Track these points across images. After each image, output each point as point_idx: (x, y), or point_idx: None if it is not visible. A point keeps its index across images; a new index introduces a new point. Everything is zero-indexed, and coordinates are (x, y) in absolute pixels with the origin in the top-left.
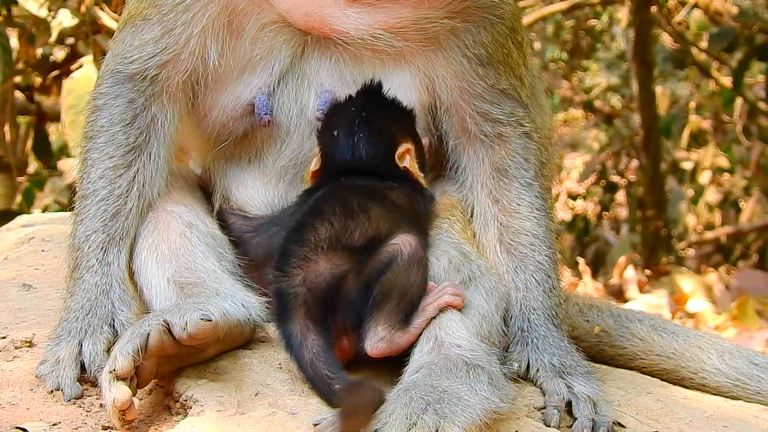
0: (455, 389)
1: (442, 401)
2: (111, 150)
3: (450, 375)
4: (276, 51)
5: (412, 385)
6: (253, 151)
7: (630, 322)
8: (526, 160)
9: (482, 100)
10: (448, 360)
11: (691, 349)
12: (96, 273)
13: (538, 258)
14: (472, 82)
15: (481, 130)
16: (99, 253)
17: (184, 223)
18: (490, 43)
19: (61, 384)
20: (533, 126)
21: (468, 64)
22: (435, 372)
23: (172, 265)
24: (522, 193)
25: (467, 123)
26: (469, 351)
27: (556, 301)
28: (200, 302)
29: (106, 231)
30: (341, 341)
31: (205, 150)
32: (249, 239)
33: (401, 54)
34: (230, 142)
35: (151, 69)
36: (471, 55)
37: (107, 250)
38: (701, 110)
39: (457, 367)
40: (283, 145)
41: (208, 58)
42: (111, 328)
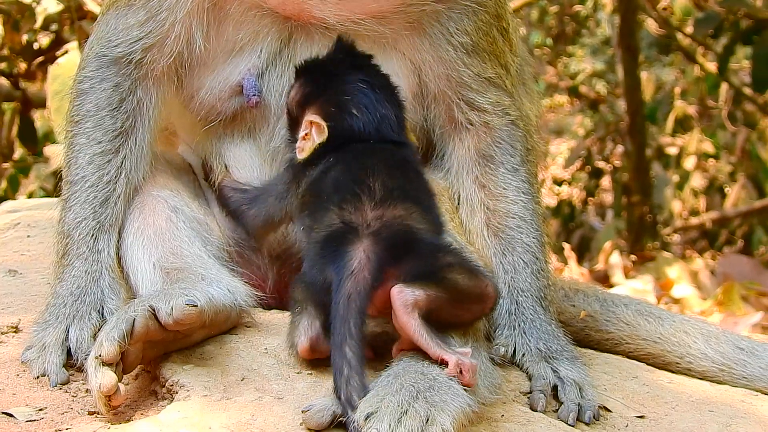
0: (445, 377)
1: (433, 389)
2: (99, 135)
3: None
4: (263, 35)
5: (402, 371)
6: (245, 131)
7: (616, 307)
8: (512, 146)
9: (468, 88)
10: None
11: (677, 334)
12: (86, 260)
13: (526, 240)
14: (458, 70)
15: (468, 119)
16: (89, 240)
17: (170, 208)
18: (474, 31)
19: (47, 369)
20: (519, 114)
21: (454, 51)
22: (426, 359)
23: (157, 250)
24: (508, 177)
25: (454, 111)
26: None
27: (545, 283)
28: (186, 288)
29: (96, 218)
30: (386, 289)
31: (195, 131)
32: (246, 211)
33: (387, 40)
34: (220, 123)
35: (137, 53)
36: (456, 43)
37: (98, 237)
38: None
39: None
40: (275, 126)
41: (193, 42)
42: (99, 315)
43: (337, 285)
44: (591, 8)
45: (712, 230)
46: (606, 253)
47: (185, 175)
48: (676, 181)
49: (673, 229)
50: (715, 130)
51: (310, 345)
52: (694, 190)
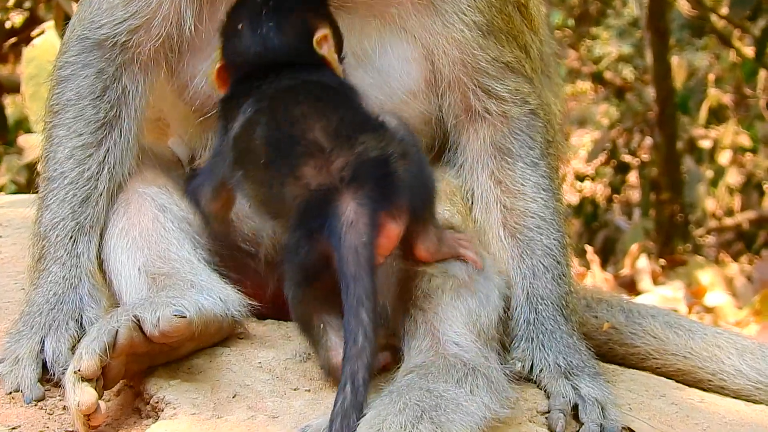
0: (452, 394)
1: (439, 408)
2: (80, 126)
3: (447, 377)
4: None
5: (406, 387)
6: None
7: (643, 319)
8: (531, 138)
9: (485, 75)
10: (446, 360)
11: (709, 348)
12: (64, 265)
13: (546, 242)
14: (474, 54)
15: (485, 108)
16: (68, 242)
17: (157, 207)
18: (487, 8)
19: (21, 385)
20: (539, 102)
21: (468, 32)
22: (432, 373)
23: (143, 253)
24: (527, 173)
25: (470, 100)
26: (468, 351)
27: (566, 290)
28: (174, 296)
29: (76, 218)
30: (389, 227)
31: (189, 122)
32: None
33: (394, 19)
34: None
35: (121, 35)
36: (470, 23)
37: (77, 239)
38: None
39: (455, 369)
40: None
41: (183, 24)
42: (77, 324)
43: (338, 244)
44: None
45: (749, 231)
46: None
47: (175, 170)
48: (710, 177)
49: (706, 230)
50: (753, 121)
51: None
52: (730, 187)
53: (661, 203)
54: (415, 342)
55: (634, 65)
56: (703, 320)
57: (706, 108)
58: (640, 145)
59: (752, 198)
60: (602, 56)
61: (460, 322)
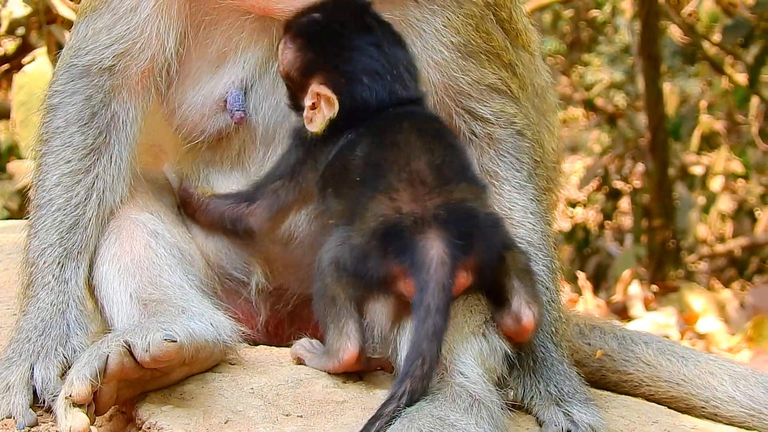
0: (463, 424)
1: None
2: (68, 153)
3: (454, 405)
4: (245, 42)
5: (417, 414)
6: (234, 156)
7: (635, 345)
8: (518, 159)
9: (468, 97)
10: (452, 389)
11: (702, 375)
12: (52, 291)
13: (535, 268)
14: (454, 77)
15: (471, 130)
16: (55, 268)
17: (149, 233)
18: (462, 26)
19: (13, 411)
20: (526, 122)
21: (448, 53)
22: (439, 400)
23: (135, 279)
24: (514, 196)
25: (455, 122)
26: (475, 383)
27: (555, 316)
28: (165, 321)
29: (63, 244)
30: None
31: (179, 151)
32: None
33: None
34: (204, 143)
35: (107, 60)
36: (448, 43)
37: (64, 265)
38: (713, 110)
39: (461, 398)
40: (266, 152)
41: (166, 49)
42: (65, 350)
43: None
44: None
45: (742, 258)
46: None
47: (167, 196)
48: (702, 204)
49: (698, 256)
50: (745, 147)
51: (359, 353)
52: (722, 213)
53: (652, 229)
54: None
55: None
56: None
57: (698, 135)
58: (632, 172)
59: (744, 224)
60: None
61: (470, 356)
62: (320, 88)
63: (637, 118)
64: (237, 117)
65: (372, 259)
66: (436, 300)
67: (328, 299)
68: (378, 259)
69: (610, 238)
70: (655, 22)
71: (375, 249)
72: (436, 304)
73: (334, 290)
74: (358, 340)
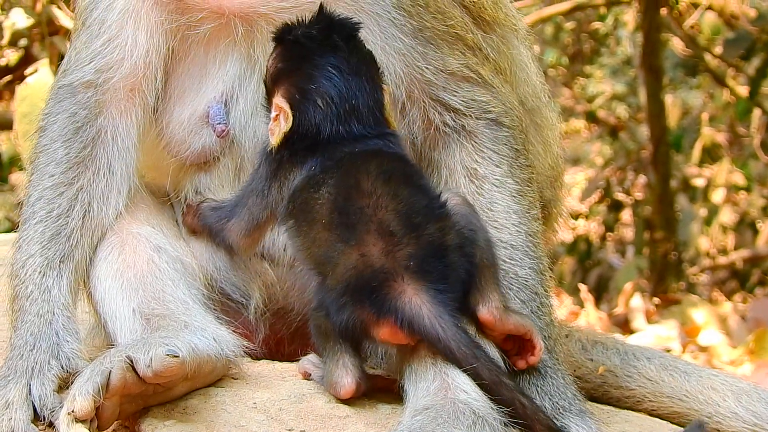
0: None
1: None
2: (50, 168)
3: (457, 423)
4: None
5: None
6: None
7: (638, 361)
8: (496, 152)
9: (436, 87)
10: (455, 406)
11: (705, 391)
12: (35, 301)
13: (521, 273)
14: (418, 66)
15: (444, 122)
16: (36, 278)
17: (152, 247)
18: (413, 7)
19: (15, 428)
20: (502, 108)
21: (407, 40)
22: (442, 417)
23: (138, 294)
24: (495, 195)
25: (430, 115)
26: (477, 399)
27: (547, 320)
28: (167, 336)
29: (44, 254)
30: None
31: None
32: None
33: None
34: (191, 164)
35: (87, 74)
36: (405, 29)
37: (45, 274)
38: (715, 122)
39: (464, 415)
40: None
41: (149, 61)
42: (58, 362)
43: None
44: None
45: (743, 270)
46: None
47: (169, 209)
48: (704, 216)
49: (700, 268)
50: (747, 160)
51: (356, 386)
52: (724, 225)
53: (654, 242)
54: (424, 384)
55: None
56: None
57: (700, 147)
58: (634, 184)
59: (746, 237)
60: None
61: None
62: (280, 99)
63: (639, 131)
64: (219, 130)
65: (347, 312)
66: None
67: (322, 334)
68: (353, 312)
69: (612, 250)
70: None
71: (348, 302)
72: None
73: (327, 327)
74: (354, 375)
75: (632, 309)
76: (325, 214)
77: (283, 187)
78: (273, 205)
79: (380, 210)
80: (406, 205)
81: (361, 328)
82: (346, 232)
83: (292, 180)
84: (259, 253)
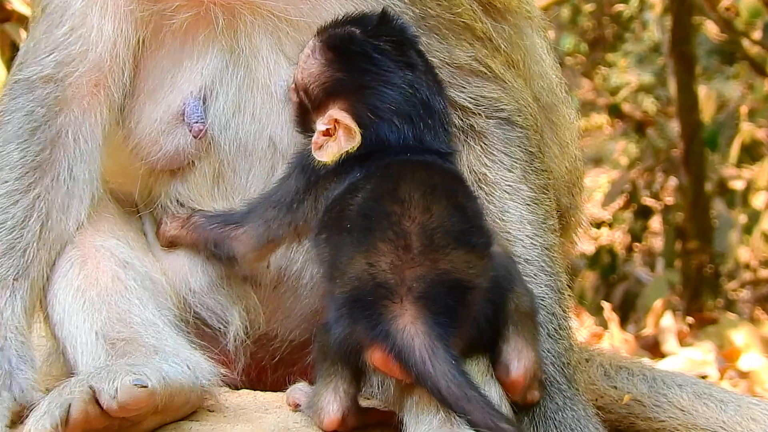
0: None
1: None
2: (4, 174)
3: None
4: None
5: None
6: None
7: (668, 389)
8: (508, 155)
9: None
10: None
11: (744, 422)
12: None
13: (536, 291)
14: None
15: (452, 122)
16: None
17: (118, 263)
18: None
19: None
20: (515, 106)
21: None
22: None
23: (101, 315)
24: (507, 204)
25: None
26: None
27: (565, 345)
28: (134, 363)
29: None
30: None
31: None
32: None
33: None
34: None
35: (47, 68)
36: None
37: None
38: (755, 116)
39: None
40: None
41: (116, 53)
42: (10, 393)
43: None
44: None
45: None
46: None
47: (136, 221)
48: (743, 223)
49: (739, 283)
50: None
51: (342, 416)
52: (766, 234)
53: (687, 253)
54: (425, 416)
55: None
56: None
57: (738, 144)
58: (664, 187)
59: None
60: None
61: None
62: (340, 114)
63: (669, 126)
64: (195, 130)
65: (341, 328)
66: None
67: (320, 351)
68: (346, 329)
69: (639, 262)
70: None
71: (342, 317)
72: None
73: (326, 343)
74: (342, 404)
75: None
76: (351, 217)
77: (319, 199)
78: (300, 221)
79: (406, 220)
80: (436, 222)
81: (354, 348)
82: (362, 235)
83: (331, 191)
84: (241, 274)
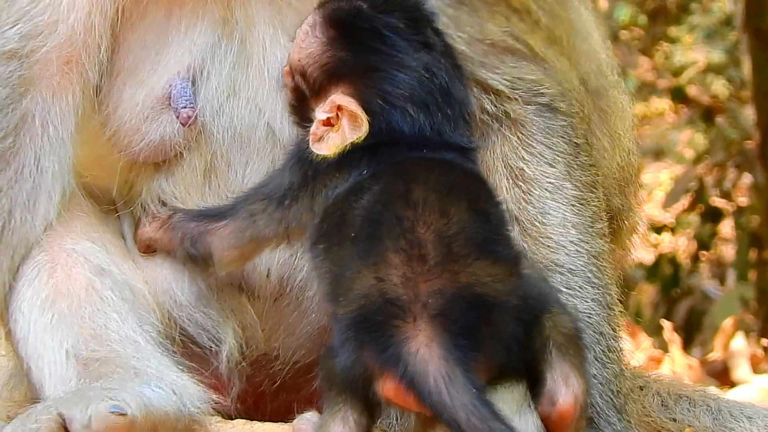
0: None
1: None
2: None
3: None
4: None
5: None
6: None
7: (735, 422)
8: (550, 147)
9: (470, 61)
10: None
11: None
12: None
13: (581, 307)
14: (449, 36)
15: (482, 107)
16: None
17: (93, 269)
18: None
19: None
20: (558, 89)
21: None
22: None
23: (73, 331)
24: (547, 204)
25: None
26: None
27: (615, 370)
28: (111, 387)
29: None
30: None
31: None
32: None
33: None
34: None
35: (11, 41)
36: None
37: None
38: None
39: None
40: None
41: (92, 27)
42: None
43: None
44: None
45: None
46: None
47: (115, 221)
48: None
49: None
50: None
51: None
52: None
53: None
54: None
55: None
56: None
57: None
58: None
59: None
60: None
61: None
62: (344, 99)
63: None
64: (183, 116)
65: (346, 354)
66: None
67: (326, 378)
68: (352, 355)
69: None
70: None
71: (348, 340)
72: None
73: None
74: None
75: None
76: (357, 224)
77: (317, 197)
78: (294, 221)
79: (420, 226)
80: (456, 228)
81: (363, 377)
82: (369, 245)
83: (332, 188)
84: (236, 284)
